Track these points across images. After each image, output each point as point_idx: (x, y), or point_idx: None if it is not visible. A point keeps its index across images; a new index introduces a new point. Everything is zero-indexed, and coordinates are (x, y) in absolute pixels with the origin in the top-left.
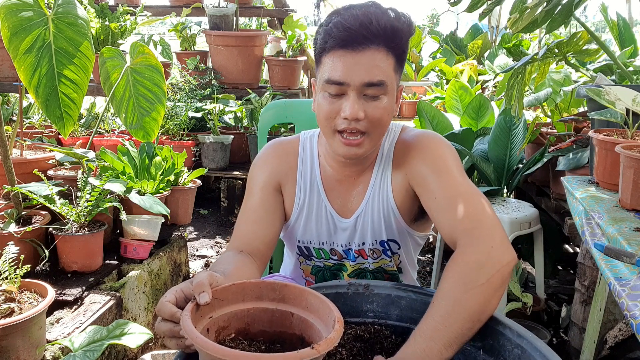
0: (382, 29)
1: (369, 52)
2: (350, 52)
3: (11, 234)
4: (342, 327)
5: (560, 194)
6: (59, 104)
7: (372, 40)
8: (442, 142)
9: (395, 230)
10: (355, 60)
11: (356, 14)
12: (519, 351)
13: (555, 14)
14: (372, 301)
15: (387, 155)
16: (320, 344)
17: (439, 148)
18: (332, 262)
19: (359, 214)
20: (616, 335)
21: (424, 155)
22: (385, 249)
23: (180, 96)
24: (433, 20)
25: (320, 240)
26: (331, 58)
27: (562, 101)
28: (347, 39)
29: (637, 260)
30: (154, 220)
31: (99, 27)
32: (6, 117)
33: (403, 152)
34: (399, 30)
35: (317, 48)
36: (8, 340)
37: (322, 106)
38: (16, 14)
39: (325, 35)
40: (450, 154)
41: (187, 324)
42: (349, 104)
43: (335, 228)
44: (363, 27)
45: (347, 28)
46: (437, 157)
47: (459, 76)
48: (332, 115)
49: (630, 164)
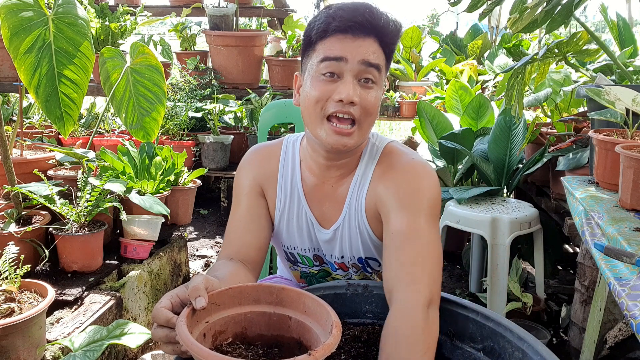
0: (383, 24)
1: (367, 41)
2: (351, 37)
3: (11, 234)
4: (339, 332)
5: (560, 194)
6: (59, 104)
7: (372, 32)
8: (428, 179)
9: (373, 249)
10: (356, 44)
11: (356, 7)
12: (519, 354)
13: (555, 14)
14: (371, 302)
15: (367, 170)
16: (317, 351)
17: (424, 185)
18: (315, 270)
19: (337, 227)
20: (616, 335)
21: (405, 189)
22: (365, 266)
23: (181, 96)
24: (433, 20)
25: (303, 247)
26: (329, 41)
27: (562, 101)
28: (351, 25)
29: (637, 260)
30: (154, 220)
31: (99, 27)
32: (6, 117)
33: (385, 173)
34: (392, 29)
35: (312, 35)
36: (8, 340)
37: (311, 92)
38: (16, 14)
39: (327, 18)
40: (428, 194)
41: (183, 330)
42: (346, 86)
43: (316, 236)
44: (364, 17)
45: (349, 18)
46: (417, 193)
47: (459, 76)
48: (324, 97)
49: (630, 164)
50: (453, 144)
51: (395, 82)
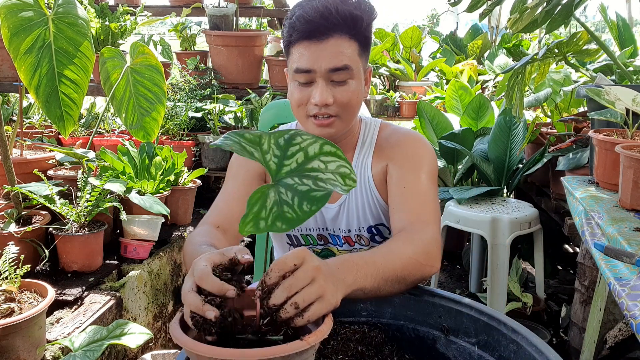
0: (341, 18)
1: (331, 40)
2: (315, 42)
3: (11, 234)
4: (331, 321)
5: (560, 194)
6: (59, 104)
7: (333, 29)
8: (426, 146)
9: (382, 215)
10: (320, 48)
11: (316, 6)
12: (514, 346)
13: (555, 14)
14: (366, 300)
15: (369, 144)
16: (310, 336)
17: (421, 150)
18: (319, 249)
19: (343, 201)
20: (616, 335)
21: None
22: (374, 235)
23: (180, 96)
24: (433, 20)
25: (307, 226)
26: (298, 49)
27: (562, 101)
28: (309, 31)
29: (637, 260)
30: (154, 220)
31: (99, 27)
32: (6, 117)
33: (388, 144)
34: (359, 18)
35: (284, 41)
36: (8, 340)
37: (293, 94)
38: (16, 14)
39: (290, 28)
40: (427, 159)
41: (179, 333)
42: (318, 91)
43: (321, 213)
44: (323, 18)
45: (309, 21)
46: (415, 156)
47: (459, 76)
48: (304, 101)
49: (630, 164)
50: (453, 144)
51: (395, 82)
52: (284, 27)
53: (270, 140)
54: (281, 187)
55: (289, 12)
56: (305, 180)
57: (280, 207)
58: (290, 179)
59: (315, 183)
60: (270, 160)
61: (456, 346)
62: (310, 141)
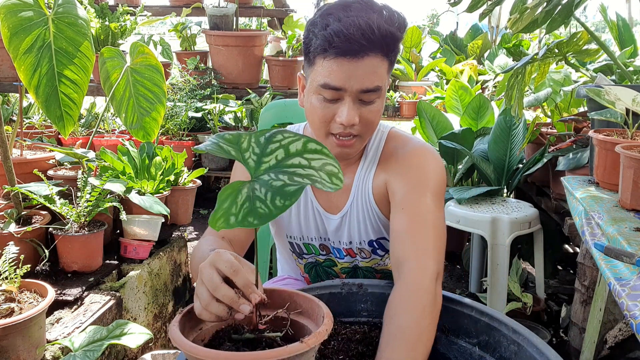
0: (382, 37)
1: (367, 59)
2: (349, 59)
3: (11, 234)
4: (331, 321)
5: (560, 194)
6: (59, 104)
7: (371, 48)
8: (434, 162)
9: (383, 229)
10: (354, 67)
11: (357, 23)
12: (515, 347)
13: (555, 14)
14: (366, 300)
15: (374, 156)
16: (309, 338)
17: (427, 165)
18: (322, 258)
19: (345, 213)
20: (616, 335)
21: (409, 168)
22: (375, 249)
23: (180, 96)
24: (433, 20)
25: (309, 236)
26: (327, 62)
27: (562, 101)
28: (348, 49)
29: (637, 260)
30: (154, 220)
31: (99, 27)
32: (6, 117)
33: (393, 156)
34: (398, 39)
35: (310, 49)
36: (8, 340)
37: (316, 109)
38: (16, 14)
39: (323, 41)
40: (434, 176)
41: (177, 335)
42: (346, 110)
43: (323, 224)
44: (365, 37)
45: (348, 37)
46: (420, 173)
47: (459, 76)
48: (328, 119)
49: (630, 164)
50: (453, 144)
51: (395, 82)
52: (310, 34)
53: (250, 139)
54: (257, 183)
55: (320, 19)
56: (281, 175)
57: (252, 203)
58: (267, 175)
59: (290, 178)
60: (249, 158)
61: (457, 347)
62: (292, 139)
